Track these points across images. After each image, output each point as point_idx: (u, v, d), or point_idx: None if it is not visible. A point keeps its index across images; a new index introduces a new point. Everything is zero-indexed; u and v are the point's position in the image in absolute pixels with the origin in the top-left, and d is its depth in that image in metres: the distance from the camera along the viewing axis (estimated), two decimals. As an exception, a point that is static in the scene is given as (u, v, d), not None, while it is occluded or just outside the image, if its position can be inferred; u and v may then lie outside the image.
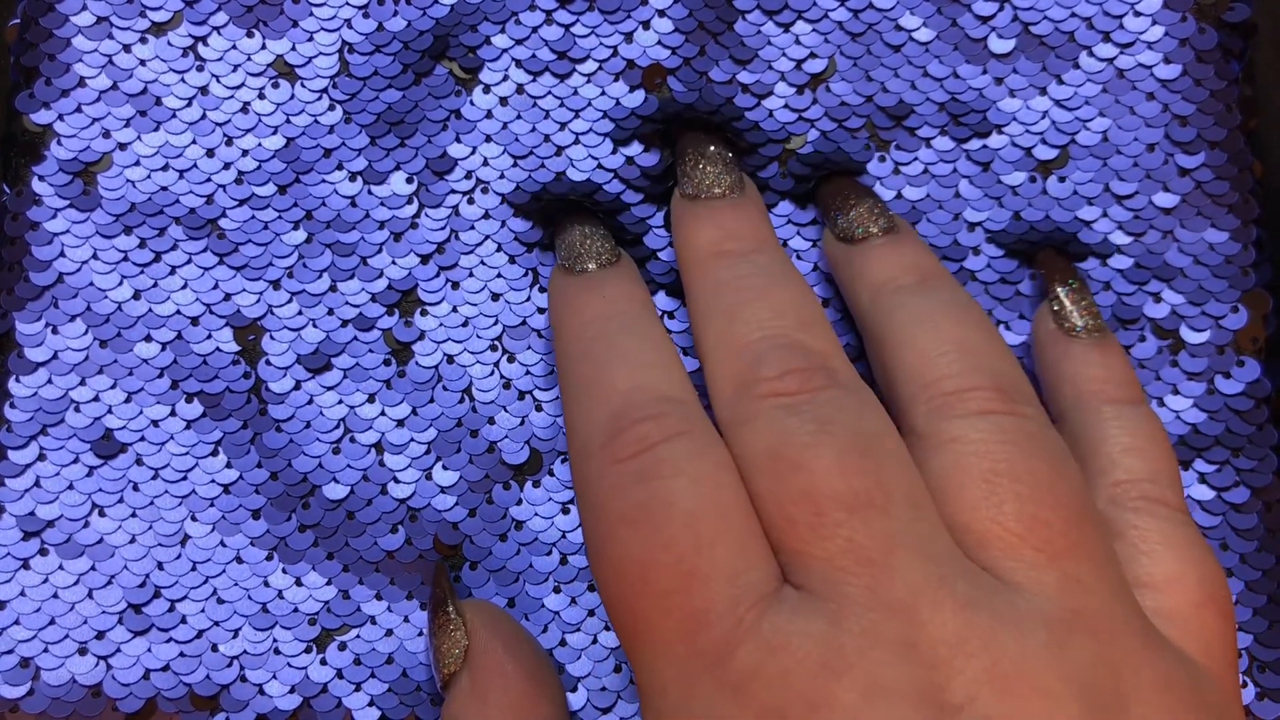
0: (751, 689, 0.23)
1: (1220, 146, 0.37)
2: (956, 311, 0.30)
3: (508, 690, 0.30)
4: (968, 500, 0.26)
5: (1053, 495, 0.26)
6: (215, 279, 0.36)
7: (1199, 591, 0.28)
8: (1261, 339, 0.36)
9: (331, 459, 0.35)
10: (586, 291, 0.32)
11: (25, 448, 0.35)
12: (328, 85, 0.37)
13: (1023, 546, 0.25)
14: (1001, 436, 0.27)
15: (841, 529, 0.25)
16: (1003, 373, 0.29)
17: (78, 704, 0.34)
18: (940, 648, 0.23)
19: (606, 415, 0.28)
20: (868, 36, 0.38)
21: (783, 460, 0.26)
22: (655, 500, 0.26)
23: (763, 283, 0.31)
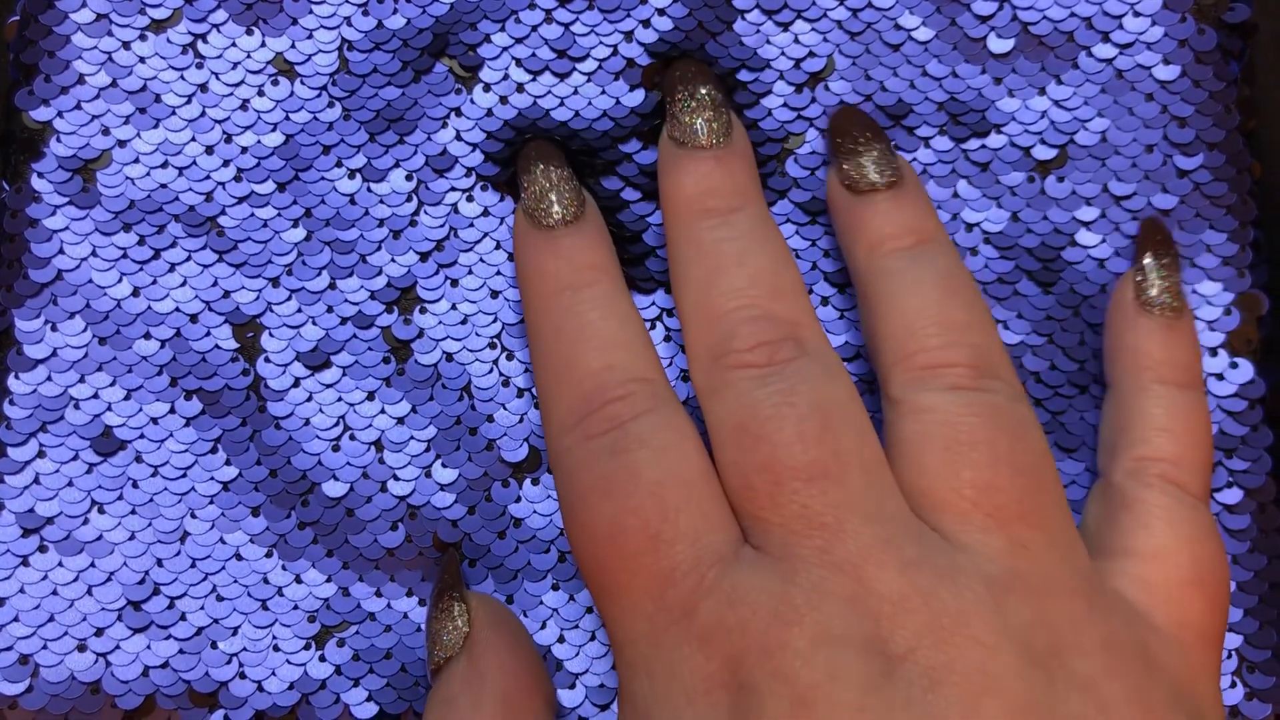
0: (714, 639, 0.25)
1: (1219, 148, 0.37)
2: (945, 281, 0.31)
3: (504, 677, 0.31)
4: (928, 467, 0.28)
5: (1010, 465, 0.28)
6: (214, 276, 0.36)
7: (1189, 570, 0.29)
8: (1256, 340, 0.36)
9: (331, 456, 0.35)
10: (556, 257, 0.33)
11: (24, 445, 0.35)
12: (327, 82, 0.37)
13: (974, 512, 0.27)
14: (968, 410, 0.29)
15: (797, 496, 0.27)
16: (980, 347, 0.30)
17: (76, 701, 0.34)
18: (884, 604, 0.25)
19: (578, 396, 0.30)
20: (866, 35, 0.38)
21: (747, 433, 0.28)
22: (624, 471, 0.28)
23: (740, 248, 0.32)
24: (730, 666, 0.25)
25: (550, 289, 0.32)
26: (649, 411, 0.29)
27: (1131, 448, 0.32)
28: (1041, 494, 0.28)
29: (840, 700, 0.24)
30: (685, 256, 0.32)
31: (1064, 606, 0.26)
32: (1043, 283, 0.36)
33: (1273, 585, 0.35)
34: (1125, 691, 0.26)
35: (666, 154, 0.34)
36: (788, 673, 0.24)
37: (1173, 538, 0.30)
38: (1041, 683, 0.25)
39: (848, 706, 0.24)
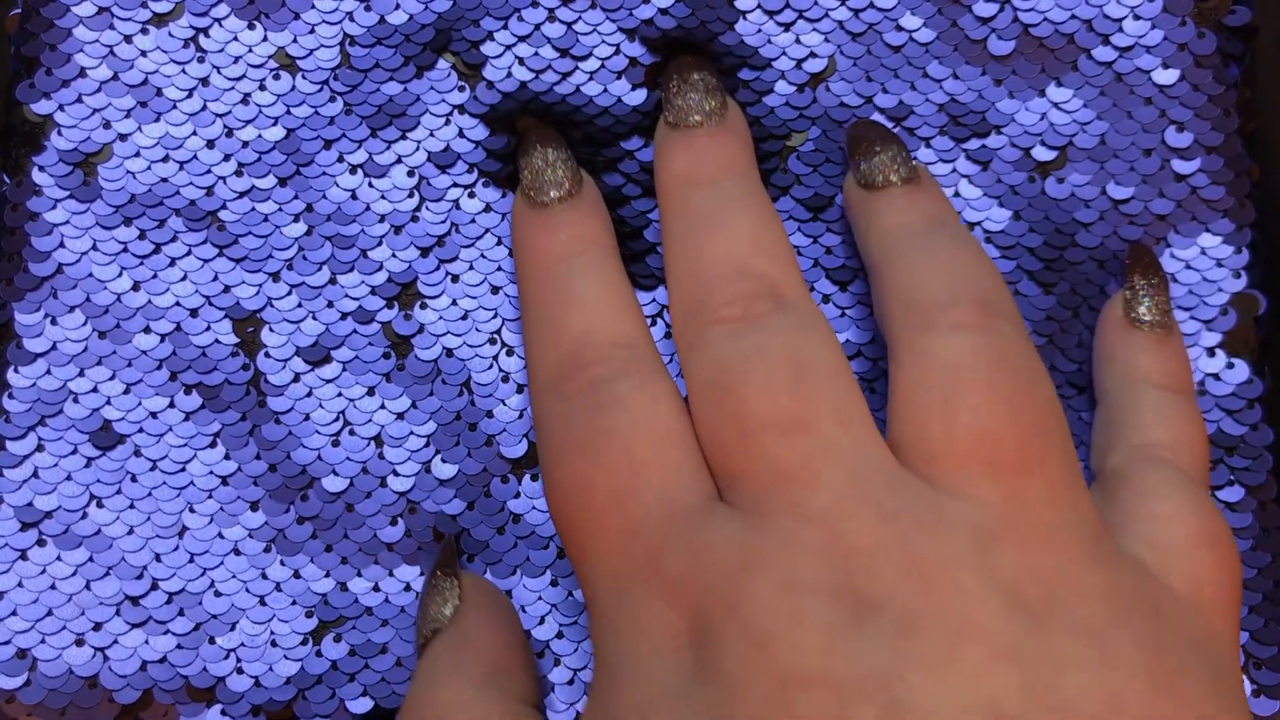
0: (679, 591, 0.25)
1: (1217, 151, 0.37)
2: (955, 241, 0.31)
3: (490, 644, 0.31)
4: (923, 414, 0.27)
5: (1011, 412, 0.26)
6: (215, 271, 0.36)
7: (1197, 530, 0.28)
8: (1254, 341, 0.36)
9: (330, 451, 0.35)
10: (548, 232, 0.33)
11: (23, 439, 0.35)
12: (329, 77, 0.37)
13: (969, 461, 0.26)
14: (971, 353, 0.27)
15: (767, 449, 0.26)
16: (985, 291, 0.29)
17: (74, 695, 0.34)
18: (859, 554, 0.24)
19: (559, 356, 0.30)
20: (868, 36, 0.38)
21: (717, 387, 0.28)
22: (598, 429, 0.28)
23: (724, 210, 0.32)
24: (694, 618, 0.25)
25: (542, 262, 0.32)
26: (627, 374, 0.29)
27: (1127, 439, 0.32)
28: (1045, 442, 0.26)
29: (803, 644, 0.23)
30: (671, 223, 0.32)
31: (1062, 555, 0.25)
32: (1044, 283, 0.36)
33: (1277, 583, 0.35)
34: (1133, 637, 0.24)
35: (661, 137, 0.34)
36: (749, 619, 0.24)
37: (1178, 503, 0.29)
38: (1030, 628, 0.23)
39: (812, 649, 0.23)
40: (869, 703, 0.22)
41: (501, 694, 0.30)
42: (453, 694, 0.30)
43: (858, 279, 0.36)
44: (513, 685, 0.31)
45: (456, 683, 0.30)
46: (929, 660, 0.23)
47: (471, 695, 0.30)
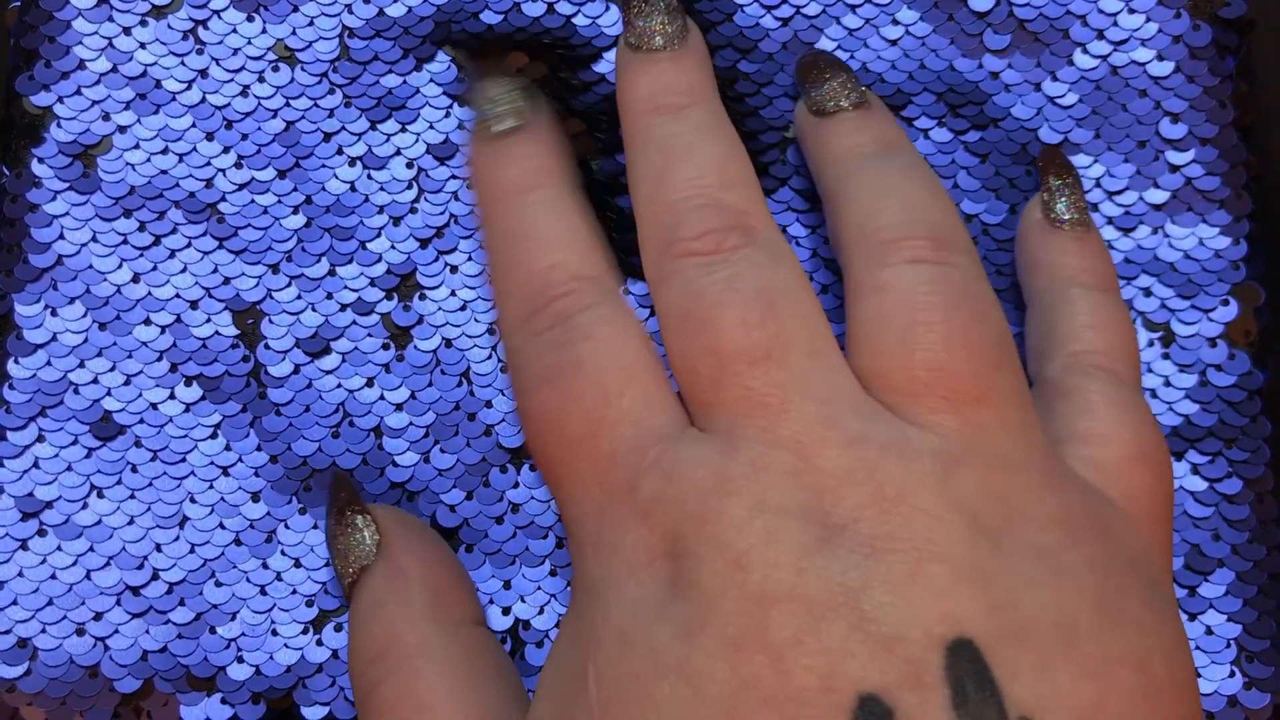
0: (655, 512, 0.26)
1: (1211, 143, 0.37)
2: (908, 170, 0.32)
3: (428, 570, 0.32)
4: (884, 348, 0.28)
5: (966, 346, 0.27)
6: (214, 263, 0.36)
7: (1134, 446, 0.29)
8: (1254, 331, 0.36)
9: (331, 442, 0.35)
10: (506, 165, 0.32)
11: (24, 429, 0.35)
12: (328, 69, 0.37)
13: (928, 394, 0.27)
14: (927, 286, 0.28)
15: (740, 379, 0.27)
16: (940, 223, 0.30)
17: (75, 684, 0.34)
18: (826, 478, 0.25)
19: (525, 295, 0.30)
20: (865, 30, 0.38)
21: (691, 318, 0.28)
22: (567, 361, 0.28)
23: (690, 141, 0.31)
24: (669, 538, 0.25)
25: (498, 196, 0.32)
26: (593, 305, 0.29)
27: (1062, 346, 0.32)
28: (998, 374, 0.27)
29: (777, 562, 0.24)
30: (637, 153, 0.32)
31: (1017, 480, 0.26)
32: (1040, 274, 0.36)
33: (1272, 576, 0.35)
34: (1083, 559, 0.25)
35: (622, 59, 0.34)
36: (723, 539, 0.24)
37: (1115, 419, 0.30)
38: (991, 549, 0.24)
39: (785, 568, 0.24)
40: (838, 618, 0.23)
41: (453, 622, 0.31)
42: (407, 627, 0.30)
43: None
44: (457, 609, 0.31)
45: (407, 614, 0.30)
46: (895, 578, 0.24)
47: (427, 628, 0.30)
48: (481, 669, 0.30)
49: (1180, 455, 0.36)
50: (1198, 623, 0.35)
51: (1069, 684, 0.24)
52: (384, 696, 0.29)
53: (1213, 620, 0.35)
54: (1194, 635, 0.34)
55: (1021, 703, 0.23)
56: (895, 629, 0.23)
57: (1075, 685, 0.24)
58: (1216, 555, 0.35)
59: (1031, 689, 0.23)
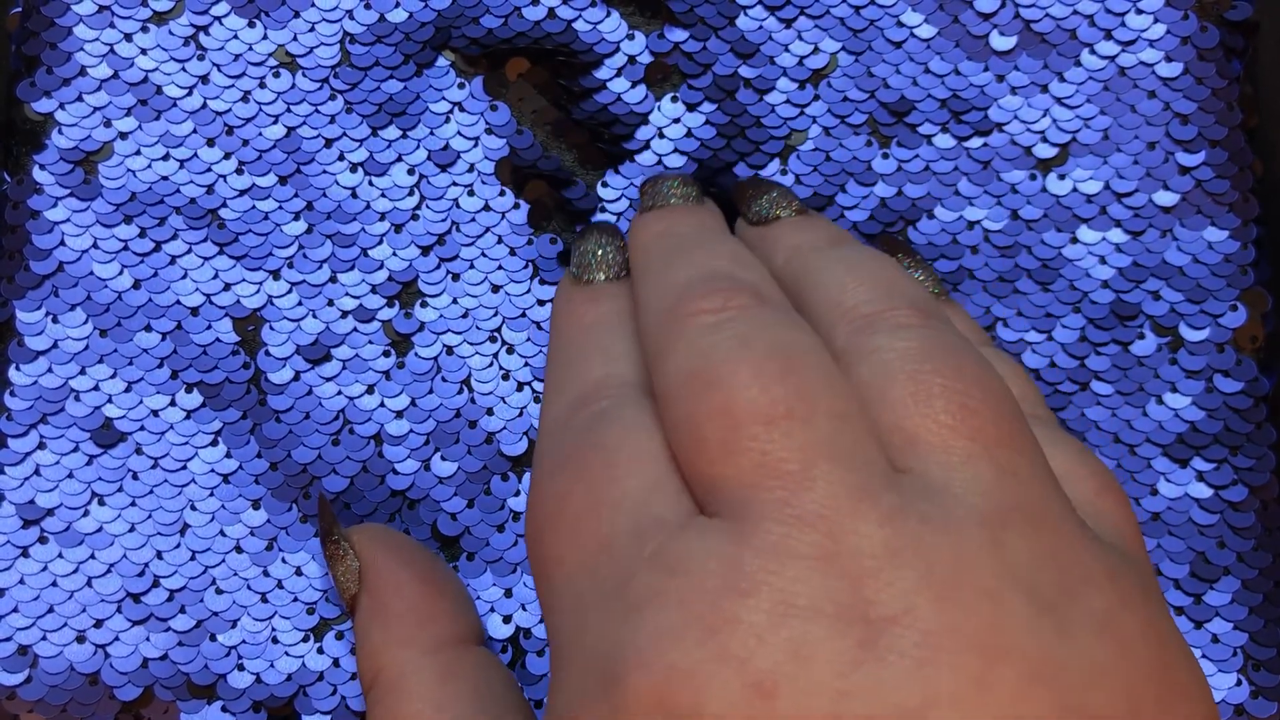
0: (645, 612, 0.21)
1: (1221, 145, 0.37)
2: (870, 255, 0.29)
3: (404, 596, 0.31)
4: (895, 399, 0.24)
5: (980, 387, 0.24)
6: (215, 269, 0.36)
7: (1094, 480, 0.26)
8: (1260, 337, 0.36)
9: (331, 450, 0.35)
10: (587, 301, 0.31)
11: (25, 436, 0.35)
12: (329, 75, 0.37)
13: (954, 437, 0.23)
14: (924, 342, 0.25)
15: (756, 442, 0.23)
16: (920, 298, 0.27)
17: (75, 692, 0.34)
18: (865, 559, 0.21)
19: (573, 398, 0.27)
20: (869, 33, 0.38)
21: (699, 378, 0.24)
22: (586, 445, 0.25)
23: (698, 239, 0.30)
24: None
25: (576, 326, 0.30)
26: (632, 402, 0.26)
27: None
28: (1015, 418, 0.24)
29: (812, 686, 0.20)
30: (640, 261, 0.30)
31: (1062, 536, 0.23)
32: (1041, 281, 0.36)
33: (1277, 583, 0.35)
34: (1140, 625, 0.22)
35: (636, 219, 0.32)
36: (740, 655, 0.20)
37: (1064, 457, 0.26)
38: (1056, 631, 0.21)
39: (823, 692, 0.20)
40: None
41: (431, 646, 0.30)
42: (386, 658, 0.30)
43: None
44: (436, 631, 0.31)
45: (384, 643, 0.30)
46: (961, 692, 0.20)
47: (402, 656, 0.30)
48: (461, 692, 0.29)
49: (1185, 462, 0.35)
50: (1204, 630, 0.34)
51: None
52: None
53: (1219, 628, 0.34)
54: (1200, 643, 0.34)
55: None
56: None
57: None
58: (1222, 563, 0.35)
59: None
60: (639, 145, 0.37)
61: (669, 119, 0.37)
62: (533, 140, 0.37)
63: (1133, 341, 0.36)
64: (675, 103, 0.37)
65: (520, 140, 0.37)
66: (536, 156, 0.37)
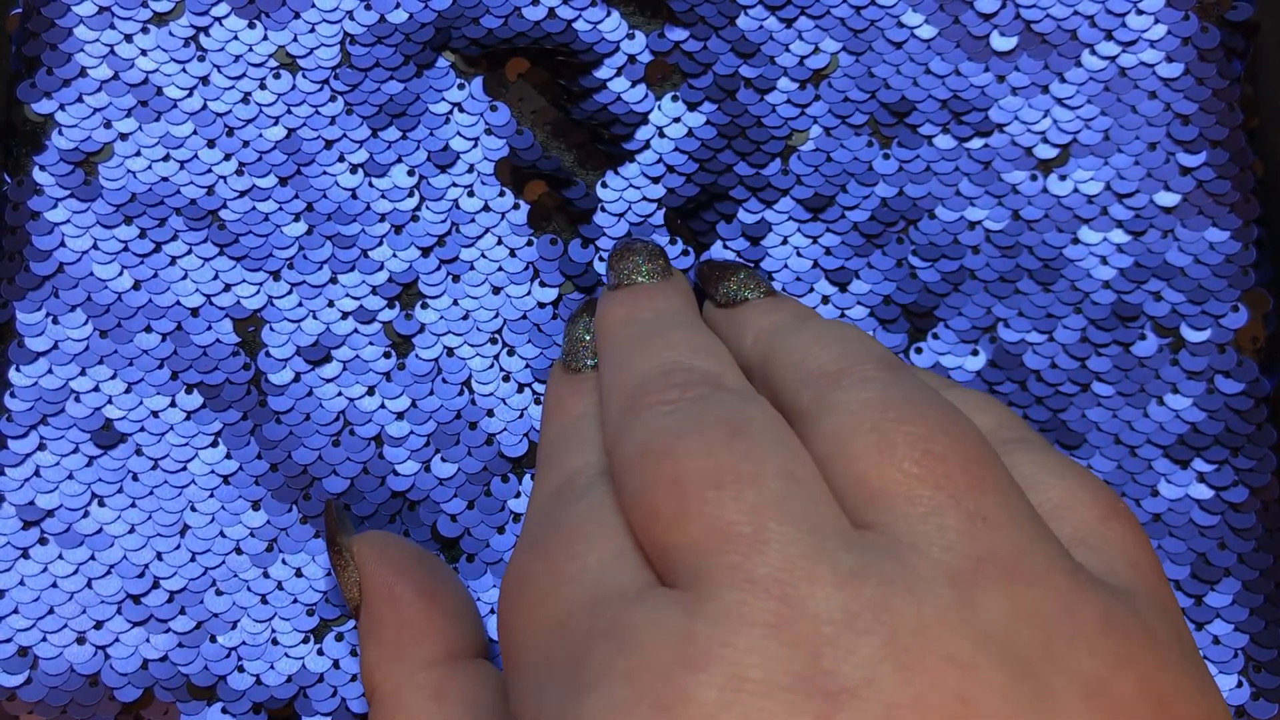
0: (598, 690, 0.21)
1: (1222, 145, 0.37)
2: (835, 325, 0.29)
3: (399, 610, 0.31)
4: (859, 450, 0.23)
5: (946, 433, 0.23)
6: (215, 270, 0.36)
7: (1098, 507, 0.25)
8: (1261, 338, 0.36)
9: (331, 451, 0.35)
10: (574, 393, 0.32)
11: (25, 437, 0.35)
12: (329, 76, 0.37)
13: (920, 486, 0.22)
14: (886, 392, 0.24)
15: (706, 506, 0.22)
16: (885, 355, 0.27)
17: (75, 693, 0.34)
18: (822, 626, 0.20)
19: (553, 488, 0.28)
20: (870, 33, 0.38)
21: (649, 453, 0.24)
22: (550, 527, 0.25)
23: (661, 327, 0.30)
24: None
25: (565, 417, 0.31)
26: (596, 486, 0.26)
27: None
28: (986, 461, 0.23)
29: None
30: (607, 353, 0.31)
31: (1046, 587, 0.21)
32: (1043, 281, 0.36)
33: (1279, 585, 0.34)
34: (1136, 681, 0.21)
35: (603, 298, 0.33)
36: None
37: (1063, 484, 0.25)
38: (1034, 699, 0.20)
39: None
40: None
41: (424, 662, 0.30)
42: (381, 674, 0.30)
43: (856, 279, 0.36)
44: (430, 646, 0.31)
45: (379, 659, 0.30)
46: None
47: (395, 672, 0.30)
48: (454, 711, 0.29)
49: (1186, 463, 0.35)
50: (1205, 632, 0.34)
51: None
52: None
53: (1220, 630, 0.34)
54: (1201, 645, 0.34)
55: None
56: None
57: None
58: (1223, 564, 0.35)
59: None
60: (639, 145, 0.37)
61: (669, 118, 0.37)
62: (532, 140, 0.37)
63: (1134, 342, 0.36)
64: (676, 102, 0.37)
65: (520, 140, 0.37)
66: (536, 157, 0.37)
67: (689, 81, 0.37)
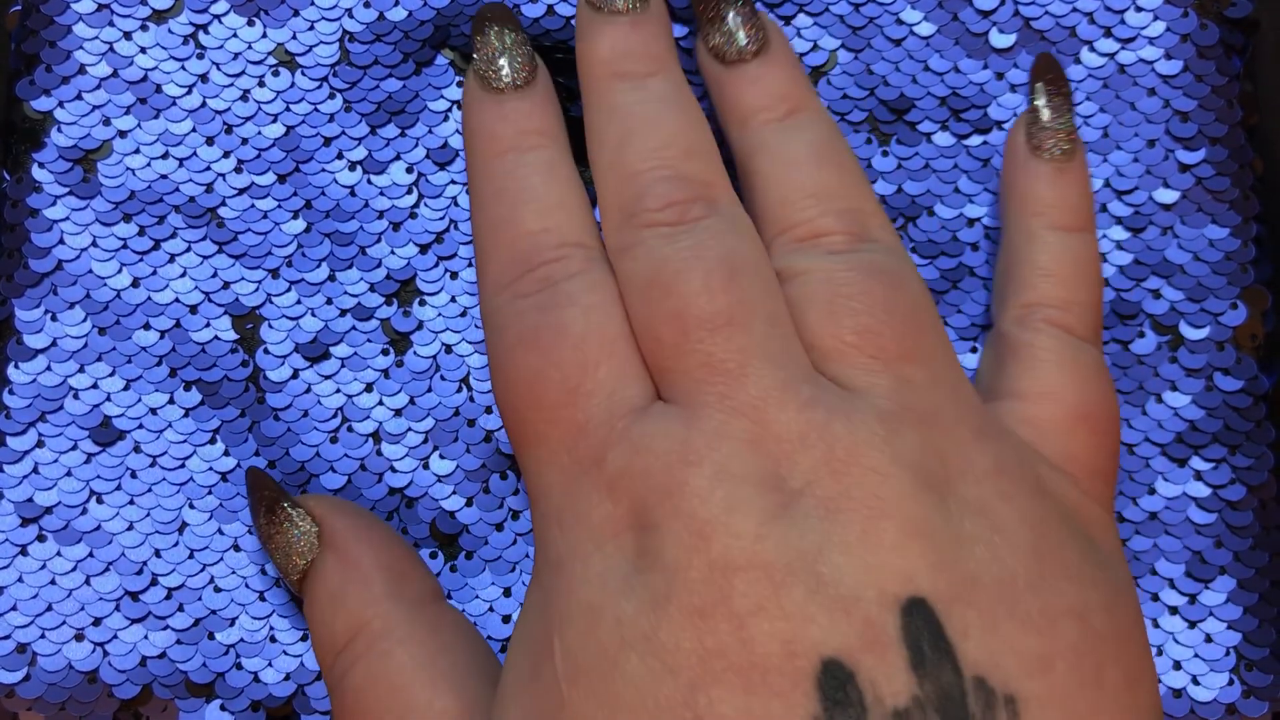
0: (621, 485, 0.26)
1: (1221, 142, 0.37)
2: (818, 151, 0.32)
3: (377, 554, 0.31)
4: (813, 321, 0.28)
5: (886, 310, 0.28)
6: (214, 267, 0.36)
7: (1075, 406, 0.31)
8: (1260, 336, 0.36)
9: (329, 448, 0.35)
10: (503, 120, 0.32)
11: (24, 434, 0.35)
12: (328, 74, 0.37)
13: (858, 355, 0.28)
14: (844, 267, 0.29)
15: (702, 345, 0.27)
16: (854, 211, 0.31)
17: (74, 690, 0.34)
18: (782, 442, 0.26)
19: (514, 256, 0.30)
20: (868, 30, 0.38)
21: (656, 286, 0.28)
22: (550, 326, 0.29)
23: (655, 110, 0.32)
24: (635, 510, 0.26)
25: (494, 151, 0.32)
26: (581, 273, 0.30)
27: (1018, 294, 0.33)
28: (921, 335, 0.29)
29: (738, 530, 0.25)
30: (599, 119, 0.32)
31: (952, 435, 0.27)
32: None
33: (1274, 583, 0.35)
34: (1018, 513, 0.26)
35: (583, 18, 0.34)
36: (686, 509, 0.25)
37: (1058, 378, 0.31)
38: (934, 505, 0.25)
39: (746, 536, 0.25)
40: (798, 583, 0.24)
41: (415, 601, 0.31)
42: (371, 611, 0.30)
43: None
44: (416, 587, 0.31)
45: (368, 598, 0.31)
46: (849, 540, 0.25)
47: (390, 608, 0.30)
48: (449, 644, 0.30)
49: (1184, 461, 0.35)
50: (1197, 630, 0.34)
51: (1016, 639, 0.24)
52: (355, 681, 0.30)
53: (1212, 628, 0.34)
54: (1193, 643, 0.34)
55: (975, 662, 0.24)
56: (852, 590, 0.24)
57: (1022, 640, 0.25)
58: (1218, 562, 0.35)
59: (982, 646, 0.24)
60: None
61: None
62: None
63: (1133, 340, 0.36)
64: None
65: None
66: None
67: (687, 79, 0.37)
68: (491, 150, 0.32)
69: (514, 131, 0.32)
